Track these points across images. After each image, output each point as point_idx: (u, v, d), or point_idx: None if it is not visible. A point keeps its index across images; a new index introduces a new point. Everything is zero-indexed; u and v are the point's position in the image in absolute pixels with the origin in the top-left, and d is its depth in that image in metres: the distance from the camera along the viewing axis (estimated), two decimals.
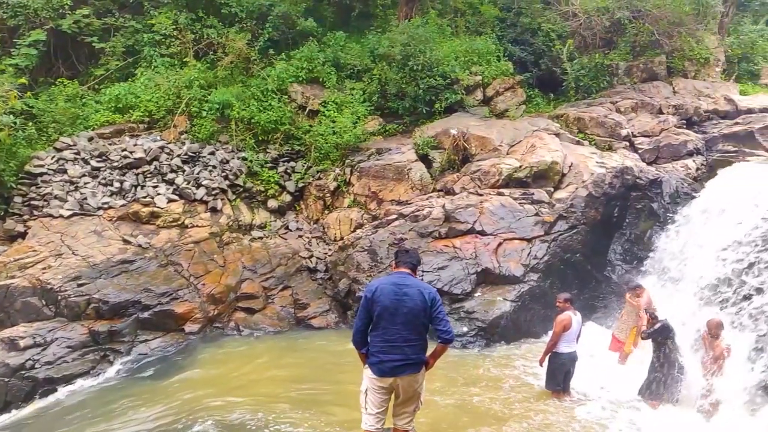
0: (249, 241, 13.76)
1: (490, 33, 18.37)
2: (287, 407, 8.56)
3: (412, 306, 6.00)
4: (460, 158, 14.85)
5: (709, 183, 13.82)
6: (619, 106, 17.00)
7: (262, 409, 8.40)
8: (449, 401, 9.02)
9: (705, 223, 12.38)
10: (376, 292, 6.02)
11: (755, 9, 25.78)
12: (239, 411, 8.30)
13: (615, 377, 10.08)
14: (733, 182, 12.79)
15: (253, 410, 8.32)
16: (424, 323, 6.09)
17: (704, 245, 11.78)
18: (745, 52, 20.89)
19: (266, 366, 10.46)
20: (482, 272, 12.36)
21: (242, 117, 15.13)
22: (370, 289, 6.10)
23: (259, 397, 8.94)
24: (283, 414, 8.29)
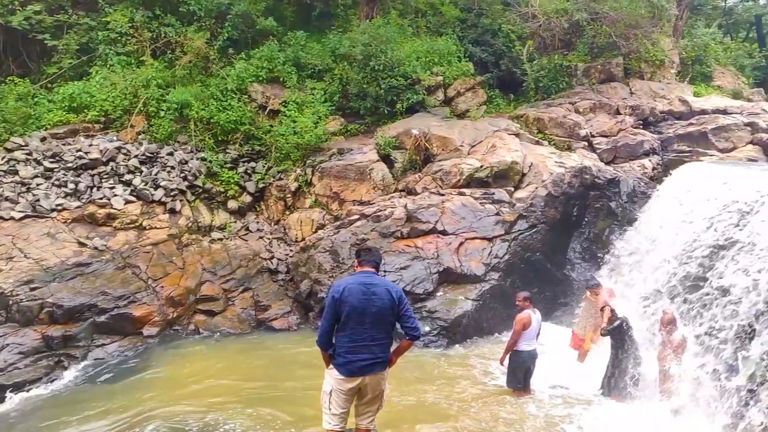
0: (209, 243, 13.57)
1: (451, 34, 18.45)
2: (245, 409, 8.51)
3: (380, 305, 5.99)
4: (422, 158, 14.89)
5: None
6: (578, 107, 17.25)
7: (219, 412, 8.35)
8: (408, 400, 9.07)
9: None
10: (344, 293, 5.94)
11: (708, 13, 26.53)
12: (196, 414, 8.23)
13: (575, 374, 10.20)
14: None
15: (210, 413, 8.25)
16: (391, 322, 6.12)
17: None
18: (698, 54, 21.43)
19: (225, 369, 10.30)
20: (444, 272, 12.40)
21: (201, 117, 14.90)
22: (337, 290, 5.99)
23: (217, 400, 8.85)
24: (240, 416, 8.25)
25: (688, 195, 11.99)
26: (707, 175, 12.07)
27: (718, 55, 22.70)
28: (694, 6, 24.64)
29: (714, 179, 11.69)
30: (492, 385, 9.86)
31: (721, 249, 9.82)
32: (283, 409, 8.56)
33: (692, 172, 13.13)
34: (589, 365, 10.46)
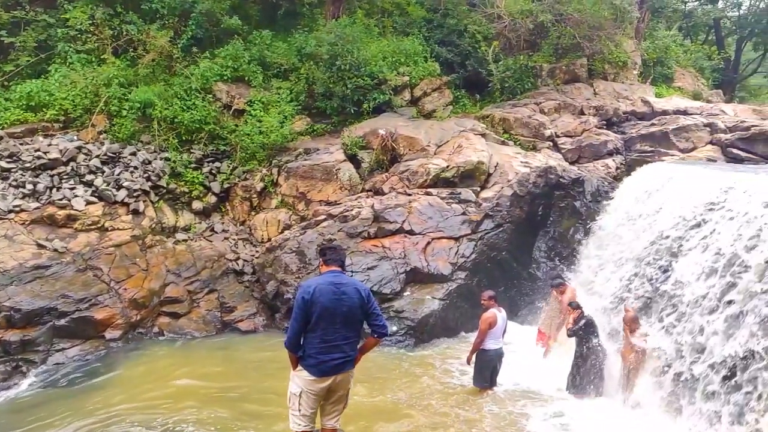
0: (173, 244, 13.36)
1: (417, 34, 18.46)
2: (209, 413, 8.45)
3: (350, 305, 5.99)
4: (389, 158, 14.87)
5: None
6: (543, 107, 17.41)
7: (183, 415, 8.27)
8: (371, 399, 9.12)
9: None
10: (315, 293, 5.88)
11: (668, 15, 27.05)
12: (160, 418, 8.13)
13: (540, 372, 10.30)
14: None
15: (174, 417, 8.18)
16: (360, 320, 6.15)
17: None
18: (659, 56, 21.83)
19: (190, 372, 10.15)
20: (411, 271, 12.43)
21: (165, 116, 14.64)
22: (307, 291, 5.90)
23: (181, 404, 8.75)
24: (204, 419, 8.19)
25: (649, 194, 12.16)
26: (668, 175, 12.24)
27: (678, 57, 23.16)
28: (655, 9, 25.08)
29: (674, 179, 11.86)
30: (457, 384, 9.91)
31: (680, 248, 9.98)
32: (248, 412, 8.53)
33: (653, 172, 13.31)
34: (554, 363, 10.57)
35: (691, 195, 10.59)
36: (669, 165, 13.86)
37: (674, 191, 11.33)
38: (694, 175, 11.59)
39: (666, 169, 13.10)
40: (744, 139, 14.87)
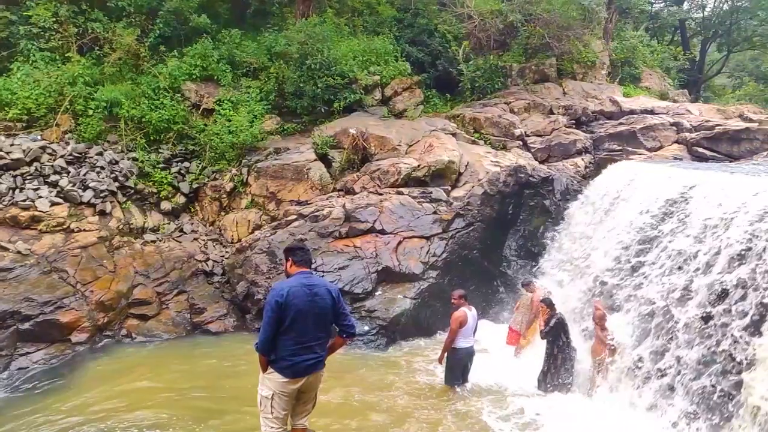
0: (141, 245, 13.15)
1: (388, 33, 18.46)
2: (174, 415, 8.35)
3: (323, 305, 5.98)
4: (360, 158, 14.83)
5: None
6: (513, 107, 17.53)
7: (150, 419, 8.15)
8: (339, 399, 9.09)
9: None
10: (289, 296, 5.81)
11: (635, 16, 27.44)
12: (126, 422, 7.98)
13: (511, 370, 10.36)
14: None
15: (140, 421, 8.05)
16: (331, 321, 6.15)
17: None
18: (627, 56, 22.16)
19: (158, 374, 10.01)
20: (383, 271, 12.42)
21: (132, 116, 14.42)
22: (280, 294, 5.82)
23: (148, 407, 8.61)
24: (171, 422, 8.10)
25: (617, 193, 12.31)
26: (635, 174, 12.40)
27: (645, 57, 23.52)
28: (622, 9, 25.44)
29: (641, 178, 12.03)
30: (427, 383, 9.92)
31: (646, 246, 10.11)
32: (213, 414, 8.45)
33: (620, 170, 13.47)
34: (525, 361, 10.64)
35: (655, 193, 10.76)
36: (635, 164, 14.03)
37: (639, 190, 11.49)
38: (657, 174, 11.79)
39: (632, 168, 13.28)
40: (709, 138, 15.13)
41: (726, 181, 10.02)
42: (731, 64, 33.44)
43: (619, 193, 12.20)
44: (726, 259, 8.22)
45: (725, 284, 7.98)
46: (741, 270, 7.89)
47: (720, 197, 9.28)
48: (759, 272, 7.61)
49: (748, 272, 7.77)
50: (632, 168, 13.13)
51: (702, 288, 8.33)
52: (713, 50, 32.25)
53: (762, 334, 7.21)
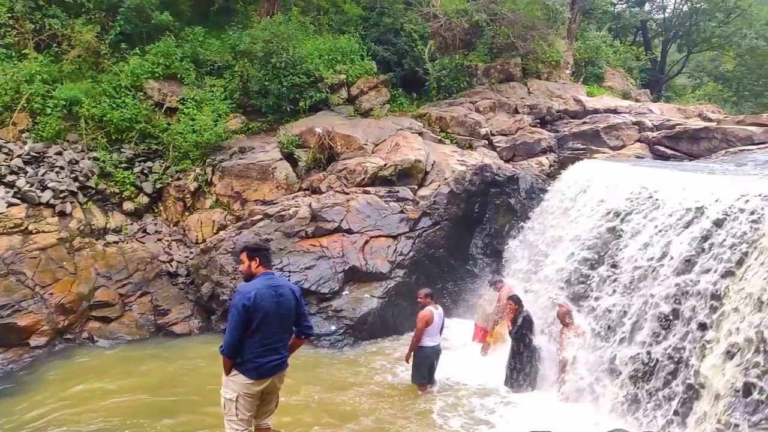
0: (103, 246, 12.90)
1: (354, 32, 18.38)
2: (139, 420, 8.22)
3: (288, 306, 5.99)
4: (326, 157, 14.77)
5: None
6: (479, 106, 17.63)
7: (111, 423, 8.04)
8: (304, 400, 9.05)
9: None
10: (256, 299, 5.76)
11: (598, 17, 27.81)
12: (88, 428, 7.80)
13: (477, 367, 10.42)
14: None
15: (101, 425, 7.93)
16: (293, 321, 6.15)
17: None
18: (591, 56, 22.44)
19: (119, 378, 9.81)
20: (350, 270, 12.40)
21: (93, 114, 14.12)
22: (247, 297, 5.75)
23: (109, 412, 8.49)
24: (133, 427, 7.99)
25: (579, 191, 12.43)
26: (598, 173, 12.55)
27: (608, 57, 23.84)
28: (586, 10, 25.77)
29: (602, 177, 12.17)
30: (393, 382, 9.95)
31: (608, 243, 10.24)
32: (175, 417, 8.37)
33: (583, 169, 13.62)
34: (491, 358, 10.71)
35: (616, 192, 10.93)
36: (598, 162, 14.21)
37: (601, 188, 11.65)
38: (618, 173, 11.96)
39: (594, 166, 13.46)
40: (669, 137, 15.40)
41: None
42: (691, 65, 34.08)
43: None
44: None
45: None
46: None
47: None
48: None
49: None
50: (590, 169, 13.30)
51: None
52: (674, 51, 32.84)
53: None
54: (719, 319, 7.39)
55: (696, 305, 7.77)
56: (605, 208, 10.74)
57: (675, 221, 8.92)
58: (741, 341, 6.85)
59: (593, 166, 13.43)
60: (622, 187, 10.83)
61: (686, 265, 8.20)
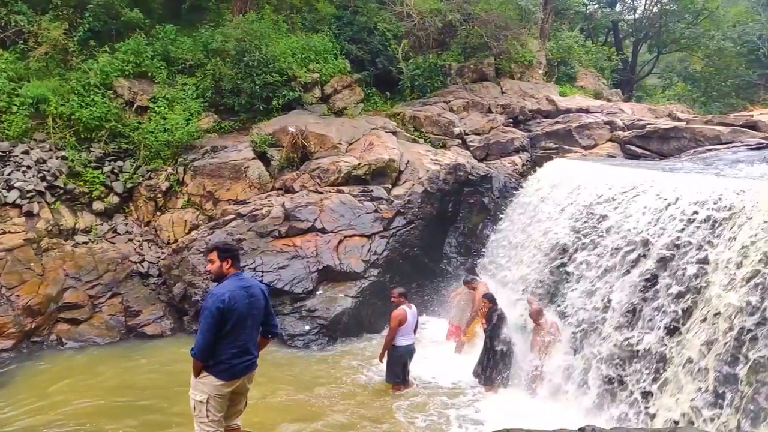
0: (72, 247, 12.68)
1: (327, 31, 18.28)
2: (104, 421, 8.17)
3: (259, 307, 6.00)
4: (299, 156, 14.68)
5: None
6: (452, 106, 17.66)
7: (80, 427, 7.90)
8: (278, 400, 9.05)
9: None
10: (230, 301, 5.72)
11: (570, 17, 28.07)
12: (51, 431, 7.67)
13: (451, 365, 10.45)
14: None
15: (65, 429, 7.84)
16: (262, 321, 6.14)
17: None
18: (563, 56, 22.61)
19: (88, 379, 9.72)
20: (324, 270, 12.35)
21: (61, 113, 13.86)
22: (221, 299, 5.68)
23: (77, 416, 8.38)
24: (97, 429, 7.94)
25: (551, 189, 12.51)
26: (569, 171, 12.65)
27: (580, 57, 24.07)
28: (558, 10, 26.00)
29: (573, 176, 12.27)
30: (367, 382, 9.95)
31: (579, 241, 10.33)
32: (144, 419, 8.30)
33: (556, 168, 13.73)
34: (465, 356, 10.74)
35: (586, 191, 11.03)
36: (570, 161, 14.32)
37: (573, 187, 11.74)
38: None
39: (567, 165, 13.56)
40: (640, 136, 15.55)
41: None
42: (661, 65, 34.60)
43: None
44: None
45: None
46: None
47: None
48: None
49: None
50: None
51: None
52: (644, 51, 33.28)
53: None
54: None
55: None
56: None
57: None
58: None
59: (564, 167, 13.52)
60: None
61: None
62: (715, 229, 7.69)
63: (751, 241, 6.98)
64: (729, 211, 7.65)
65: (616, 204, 9.78)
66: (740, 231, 7.27)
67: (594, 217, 10.05)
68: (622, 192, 9.86)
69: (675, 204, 8.51)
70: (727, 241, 7.41)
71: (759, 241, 6.89)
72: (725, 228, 7.56)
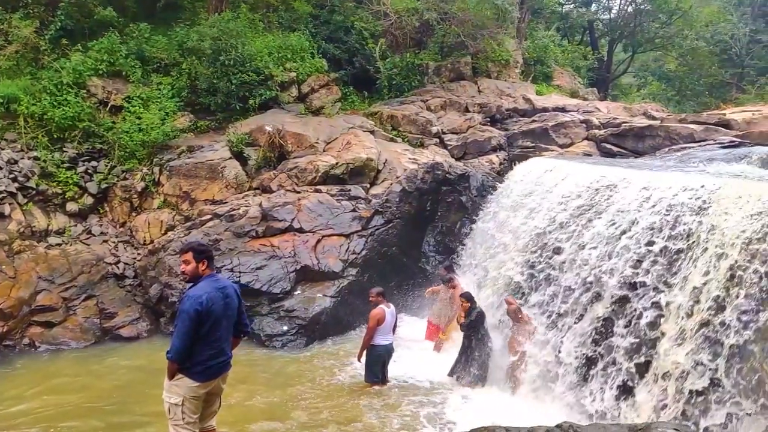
0: (45, 249, 12.48)
1: (304, 30, 18.21)
2: (74, 426, 8.08)
3: (233, 307, 6.00)
4: (277, 155, 14.62)
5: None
6: (430, 105, 17.71)
7: None
8: (250, 402, 8.97)
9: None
10: (208, 303, 5.67)
11: (547, 16, 28.27)
12: None
13: (430, 364, 10.44)
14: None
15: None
16: (235, 321, 6.12)
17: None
18: (539, 55, 22.77)
19: (62, 384, 9.58)
20: (302, 270, 12.29)
21: (33, 113, 13.62)
22: (199, 302, 5.63)
23: (49, 422, 8.22)
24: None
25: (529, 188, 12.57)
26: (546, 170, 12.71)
27: (557, 56, 24.26)
28: (534, 10, 26.15)
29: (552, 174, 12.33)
30: (345, 381, 9.91)
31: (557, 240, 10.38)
32: (115, 423, 8.21)
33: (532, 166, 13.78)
34: (443, 355, 10.74)
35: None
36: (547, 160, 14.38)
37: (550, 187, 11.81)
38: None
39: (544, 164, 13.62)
40: (616, 134, 15.71)
41: None
42: (636, 64, 34.99)
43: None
44: None
45: None
46: None
47: None
48: None
49: None
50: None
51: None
52: (620, 50, 33.60)
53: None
54: None
55: None
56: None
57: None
58: None
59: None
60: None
61: None
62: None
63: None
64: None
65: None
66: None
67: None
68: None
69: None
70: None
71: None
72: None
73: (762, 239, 6.70)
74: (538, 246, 10.49)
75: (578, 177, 10.86)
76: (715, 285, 6.82)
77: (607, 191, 9.82)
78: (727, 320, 6.52)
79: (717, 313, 6.65)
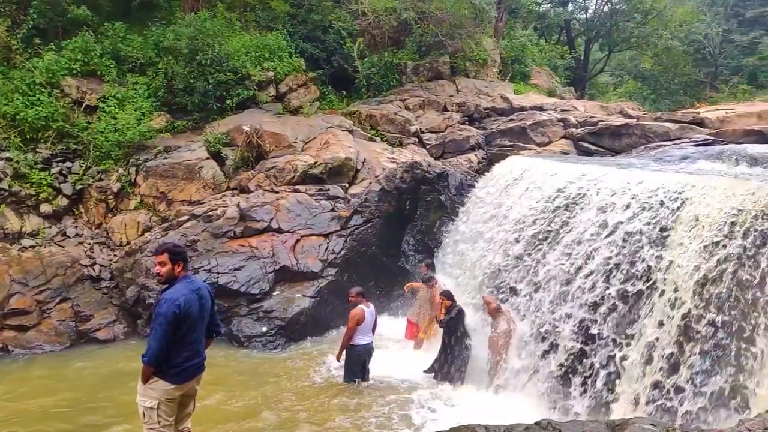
0: (18, 251, 12.27)
1: (281, 29, 18.09)
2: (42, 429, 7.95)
3: (207, 308, 6.01)
4: (255, 155, 14.51)
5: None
6: (408, 104, 17.70)
7: None
8: (227, 404, 8.90)
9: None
10: (185, 306, 5.64)
11: (524, 16, 28.44)
12: None
13: (410, 363, 10.44)
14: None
15: None
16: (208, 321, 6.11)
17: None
18: (517, 54, 22.90)
19: (33, 391, 9.39)
20: (280, 270, 12.24)
21: (5, 113, 13.37)
22: (176, 304, 5.58)
23: (20, 426, 8.12)
24: None
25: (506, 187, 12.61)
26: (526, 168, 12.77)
27: (534, 55, 24.42)
28: (512, 9, 26.27)
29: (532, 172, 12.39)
30: (324, 381, 9.87)
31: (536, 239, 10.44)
32: (85, 424, 8.19)
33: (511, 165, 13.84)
34: (423, 354, 10.75)
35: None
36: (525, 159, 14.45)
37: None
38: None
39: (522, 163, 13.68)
40: (593, 133, 15.81)
41: None
42: (612, 63, 35.33)
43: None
44: None
45: None
46: None
47: None
48: None
49: None
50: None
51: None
52: (596, 50, 33.94)
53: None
54: None
55: None
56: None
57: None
58: None
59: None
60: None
61: None
62: None
63: None
64: None
65: None
66: None
67: None
68: None
69: None
70: None
71: None
72: None
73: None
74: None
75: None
76: None
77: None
78: None
79: None
